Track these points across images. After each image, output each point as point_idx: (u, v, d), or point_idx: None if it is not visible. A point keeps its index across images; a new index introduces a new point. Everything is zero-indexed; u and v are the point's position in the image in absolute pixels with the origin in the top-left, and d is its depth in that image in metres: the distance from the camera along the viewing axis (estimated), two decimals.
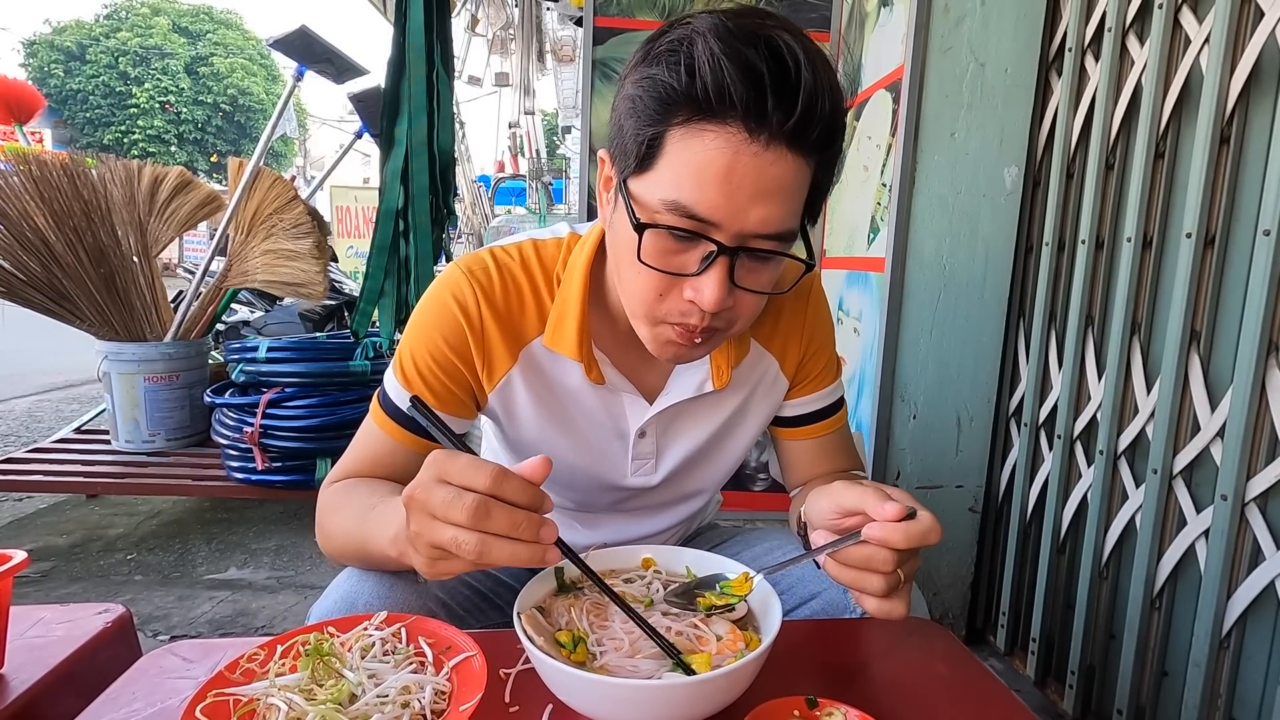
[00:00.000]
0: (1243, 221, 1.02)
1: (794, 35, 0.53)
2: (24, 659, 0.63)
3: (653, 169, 0.56)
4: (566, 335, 0.69)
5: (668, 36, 0.55)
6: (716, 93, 0.51)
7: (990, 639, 1.62)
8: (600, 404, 0.74)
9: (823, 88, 0.52)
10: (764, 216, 0.54)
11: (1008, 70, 1.43)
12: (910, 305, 1.50)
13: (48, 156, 2.26)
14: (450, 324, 0.70)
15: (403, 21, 2.04)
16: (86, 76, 22.68)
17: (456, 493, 0.46)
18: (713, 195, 0.53)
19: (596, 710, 0.49)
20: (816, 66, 0.52)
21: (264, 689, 0.48)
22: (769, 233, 0.55)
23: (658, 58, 0.54)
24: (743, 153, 0.52)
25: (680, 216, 0.55)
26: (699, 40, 0.52)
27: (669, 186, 0.55)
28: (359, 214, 8.76)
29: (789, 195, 0.55)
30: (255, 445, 2.08)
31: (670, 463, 0.79)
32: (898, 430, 1.55)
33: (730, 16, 0.53)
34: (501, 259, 0.72)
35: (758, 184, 0.53)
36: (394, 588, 0.65)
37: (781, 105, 0.51)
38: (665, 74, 0.53)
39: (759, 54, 0.51)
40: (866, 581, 0.55)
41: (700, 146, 0.53)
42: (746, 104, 0.51)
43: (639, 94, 0.55)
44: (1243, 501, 0.98)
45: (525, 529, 0.46)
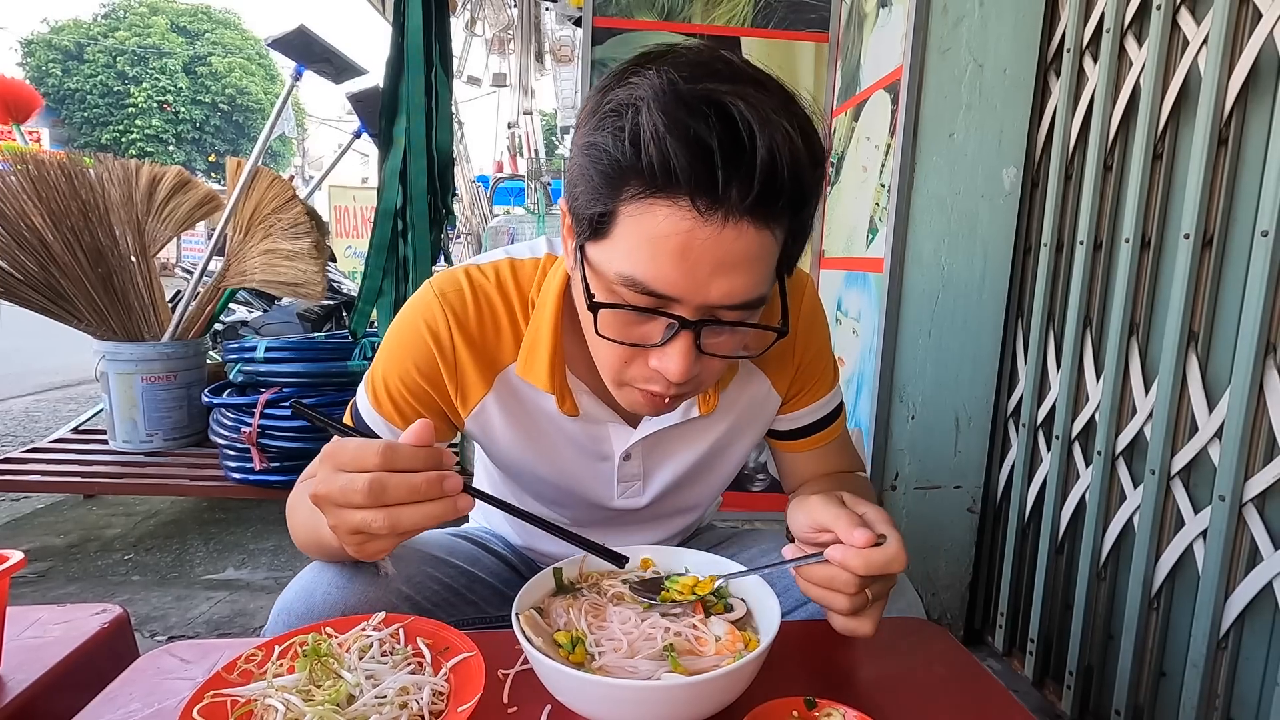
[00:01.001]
0: (1241, 222, 1.03)
1: (748, 96, 0.47)
2: (21, 659, 0.63)
3: (608, 238, 0.52)
4: (538, 366, 0.67)
5: (613, 96, 0.50)
6: (663, 170, 0.47)
7: (988, 639, 1.62)
8: (581, 429, 0.72)
9: (784, 155, 0.47)
10: (728, 289, 0.51)
11: (1006, 71, 1.43)
12: (909, 306, 1.50)
13: (45, 156, 2.26)
14: (422, 351, 0.68)
15: (401, 21, 2.04)
16: (84, 76, 22.65)
17: (351, 477, 0.48)
18: (670, 272, 0.50)
19: (595, 711, 0.49)
20: (776, 132, 0.47)
21: (262, 690, 0.48)
22: (735, 304, 0.52)
23: (603, 122, 0.50)
24: (698, 229, 0.48)
25: (637, 293, 0.52)
26: (643, 109, 0.47)
27: (624, 260, 0.51)
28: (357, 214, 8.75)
29: (754, 265, 0.51)
30: (253, 445, 2.07)
31: (658, 485, 0.77)
32: (896, 430, 1.55)
33: (682, 76, 0.48)
34: (477, 280, 0.69)
35: (718, 258, 0.49)
36: (353, 580, 0.66)
37: (737, 181, 0.47)
38: (610, 145, 0.49)
39: (708, 126, 0.46)
40: (830, 599, 0.56)
41: (653, 222, 0.49)
42: (695, 182, 0.47)
43: (586, 164, 0.51)
44: (1240, 502, 0.98)
45: (426, 490, 0.48)
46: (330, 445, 0.51)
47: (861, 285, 1.65)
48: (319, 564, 0.69)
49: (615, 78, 0.52)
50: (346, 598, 0.65)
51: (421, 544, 0.78)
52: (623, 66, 0.52)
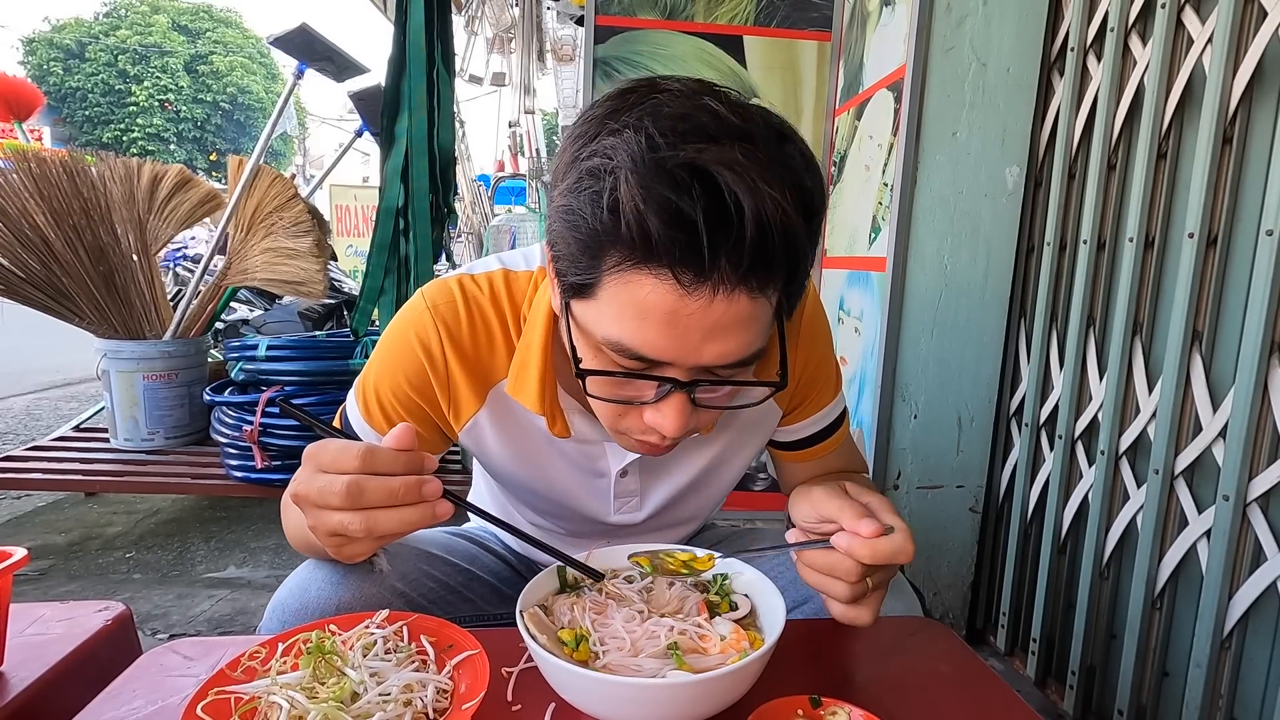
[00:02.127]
0: (1245, 222, 1.02)
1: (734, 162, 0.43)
2: (24, 656, 0.63)
3: (593, 300, 0.50)
4: (528, 387, 0.65)
5: (589, 153, 0.47)
6: (643, 243, 0.44)
7: (990, 639, 1.62)
8: (576, 447, 0.71)
9: (775, 224, 0.44)
10: (721, 352, 0.49)
11: (1010, 70, 1.43)
12: (911, 305, 1.50)
13: (47, 154, 2.25)
14: (413, 366, 0.66)
15: (403, 19, 2.03)
16: (86, 74, 22.66)
17: (330, 479, 0.48)
18: (658, 340, 0.48)
19: (599, 709, 0.49)
20: (765, 201, 0.43)
21: (265, 687, 0.48)
22: (730, 363, 0.50)
23: (580, 185, 0.47)
24: (686, 302, 0.46)
25: (626, 358, 0.50)
26: (621, 177, 0.44)
27: (611, 326, 0.49)
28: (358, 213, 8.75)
29: (748, 326, 0.49)
30: (254, 444, 2.07)
31: (655, 501, 0.77)
32: (898, 430, 1.55)
33: (663, 136, 0.44)
34: (470, 292, 0.67)
35: (709, 326, 0.47)
36: (348, 578, 0.66)
37: (725, 254, 0.44)
38: (588, 212, 0.46)
39: (691, 199, 0.43)
40: (830, 586, 0.55)
41: (639, 292, 0.47)
42: (680, 257, 0.44)
43: (565, 230, 0.49)
44: (1244, 502, 0.98)
45: (404, 494, 0.48)
46: (313, 446, 0.51)
47: (864, 284, 1.65)
48: (313, 561, 0.68)
49: (593, 127, 0.48)
50: (341, 595, 0.64)
51: (419, 542, 0.78)
52: (600, 112, 0.49)
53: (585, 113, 0.51)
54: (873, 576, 0.55)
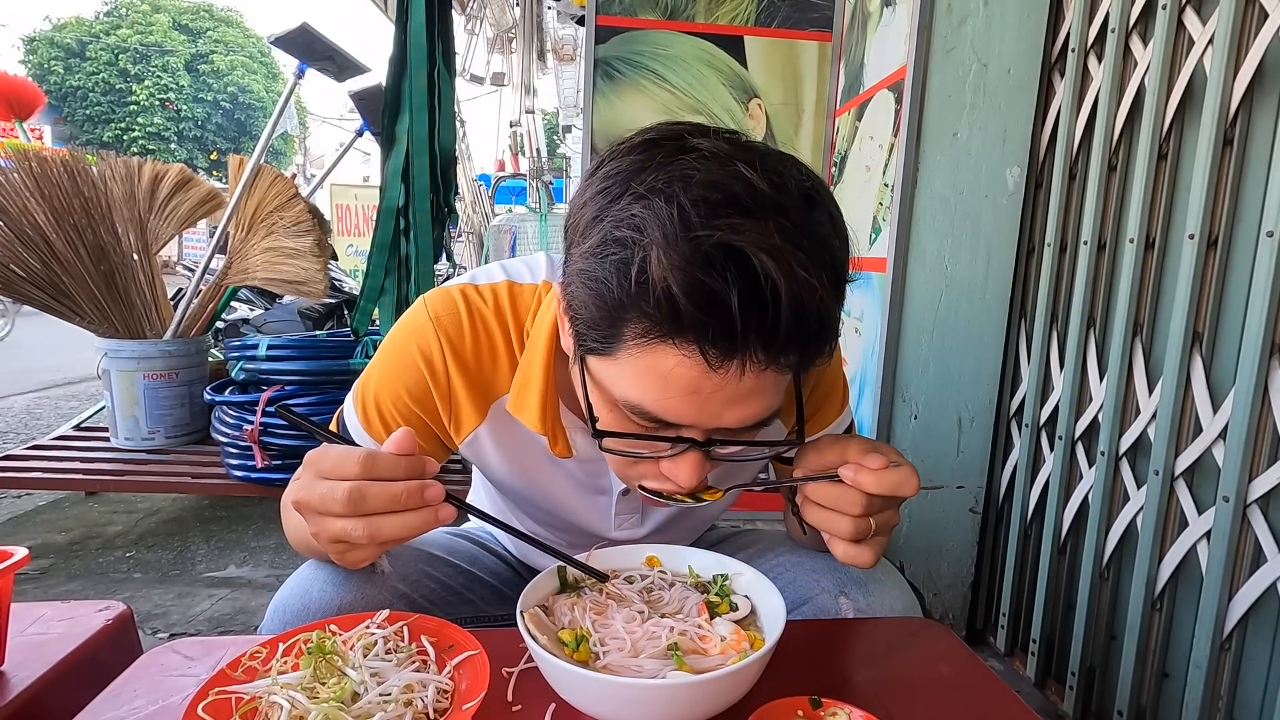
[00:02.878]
0: (1246, 223, 1.02)
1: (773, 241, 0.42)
2: (24, 656, 0.63)
3: (612, 358, 0.49)
4: (529, 406, 0.64)
5: (613, 217, 0.45)
6: (672, 319, 0.43)
7: (990, 640, 1.62)
8: (578, 465, 0.70)
9: (810, 307, 0.43)
10: (741, 416, 0.49)
11: (1010, 71, 1.43)
12: (911, 306, 1.50)
13: (48, 153, 2.25)
14: (414, 378, 0.65)
15: (404, 19, 2.03)
16: (86, 73, 22.65)
17: (331, 486, 0.48)
18: (680, 407, 0.48)
19: (600, 709, 0.49)
20: (802, 286, 0.42)
21: (266, 687, 0.48)
22: (750, 425, 0.50)
23: (604, 250, 0.45)
24: (710, 376, 0.45)
25: (645, 419, 0.50)
26: (652, 254, 0.43)
27: (628, 387, 0.49)
28: (359, 212, 8.76)
29: (771, 392, 0.49)
30: (255, 443, 2.07)
31: (657, 518, 0.77)
32: (898, 431, 1.55)
33: (695, 207, 0.42)
34: (474, 304, 0.66)
35: (731, 395, 0.47)
36: (349, 579, 0.66)
37: (755, 336, 0.44)
38: (614, 281, 0.45)
39: (726, 282, 0.42)
40: (835, 522, 0.55)
41: (660, 363, 0.46)
42: (710, 336, 0.43)
43: (586, 295, 0.47)
44: (1245, 503, 0.98)
45: (406, 499, 0.48)
46: (313, 452, 0.51)
47: (864, 285, 1.65)
48: (315, 562, 0.68)
49: (618, 185, 0.46)
50: (342, 596, 0.64)
51: (420, 543, 0.78)
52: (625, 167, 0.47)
53: (607, 163, 0.49)
54: (876, 517, 0.55)
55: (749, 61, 1.85)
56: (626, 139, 0.50)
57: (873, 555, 0.56)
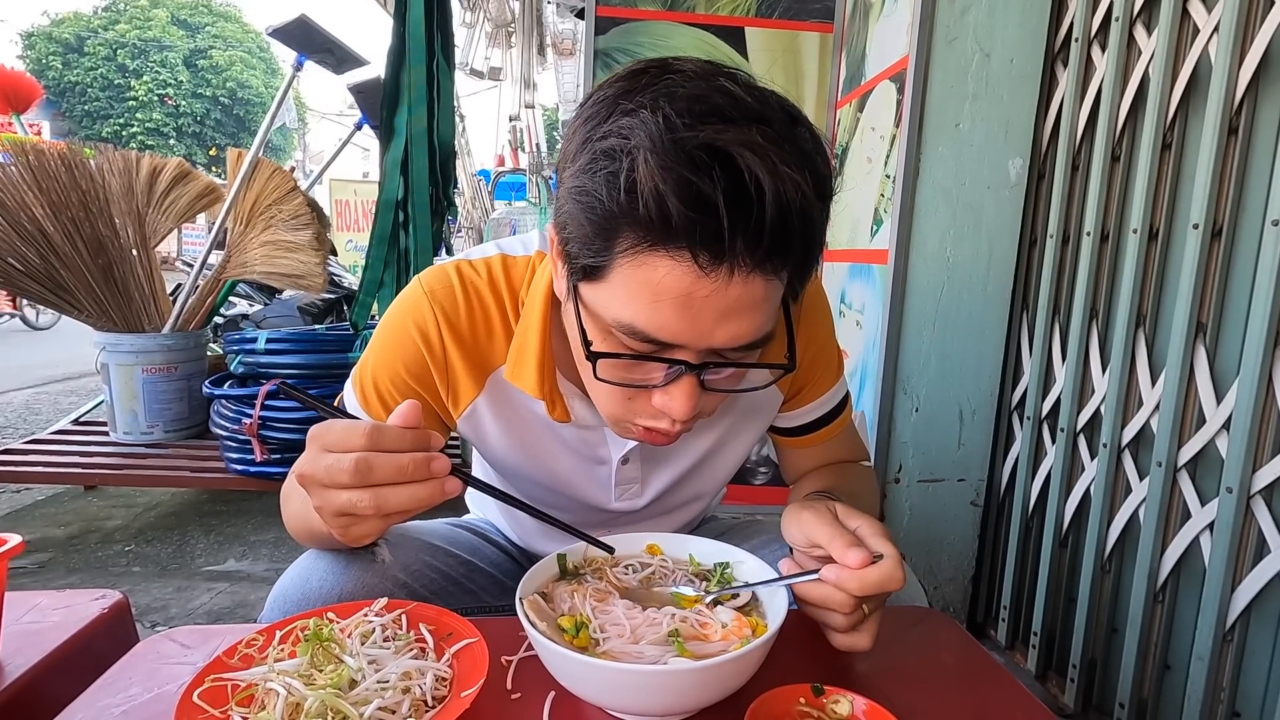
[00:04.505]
0: (1250, 212, 1.02)
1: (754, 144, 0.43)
2: (20, 644, 0.62)
3: (603, 282, 0.49)
4: (526, 372, 0.64)
5: (604, 134, 0.46)
6: (662, 223, 0.44)
7: (991, 633, 1.61)
8: (576, 434, 0.70)
9: (795, 206, 0.44)
10: (734, 334, 0.49)
11: (1013, 61, 1.42)
12: (913, 298, 1.50)
13: (45, 146, 2.25)
14: (411, 353, 0.66)
15: (403, 11, 2.02)
16: (85, 69, 22.60)
17: (337, 457, 0.48)
18: (672, 322, 0.48)
19: (600, 696, 0.49)
20: (785, 183, 0.43)
21: (263, 674, 0.47)
22: (741, 345, 0.50)
23: (594, 165, 0.46)
24: (702, 283, 0.46)
25: (637, 340, 0.49)
26: (639, 159, 0.44)
27: (622, 308, 0.49)
28: (358, 207, 8.74)
29: (761, 308, 0.49)
30: (254, 437, 2.07)
31: (657, 486, 0.76)
32: (900, 423, 1.55)
33: (680, 117, 0.44)
34: (468, 277, 0.66)
35: (723, 307, 0.47)
36: (349, 568, 0.65)
37: (743, 236, 0.44)
38: (603, 193, 0.45)
39: (712, 180, 0.43)
40: (826, 618, 0.55)
41: (651, 274, 0.46)
42: (699, 238, 0.44)
43: (577, 210, 0.48)
44: (1248, 494, 0.98)
45: (413, 470, 0.48)
46: (317, 427, 0.50)
47: (866, 277, 1.64)
48: (315, 552, 0.68)
49: (605, 107, 0.47)
50: (343, 585, 0.64)
51: (420, 533, 0.77)
52: (612, 92, 0.48)
53: (595, 93, 0.50)
54: (868, 603, 0.54)
55: (750, 53, 1.84)
56: (615, 72, 0.51)
57: (869, 638, 0.54)
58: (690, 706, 0.49)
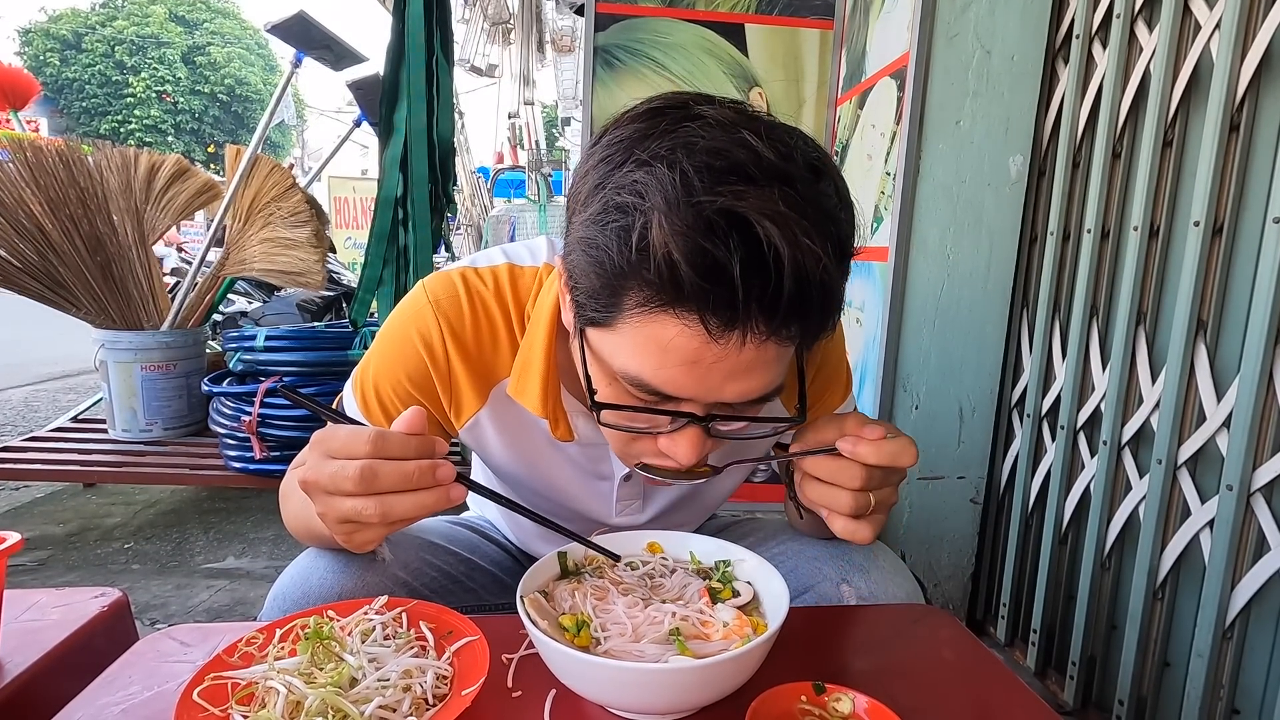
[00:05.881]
0: (1252, 210, 1.01)
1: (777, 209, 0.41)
2: (19, 642, 0.62)
3: (612, 329, 0.48)
4: (530, 389, 0.63)
5: (619, 191, 0.44)
6: (673, 287, 0.43)
7: (991, 630, 1.61)
8: (579, 450, 0.70)
9: (814, 277, 0.42)
10: (743, 391, 0.48)
11: (1014, 58, 1.42)
12: (913, 295, 1.49)
13: (43, 143, 2.24)
14: (414, 363, 0.65)
15: (402, 8, 2.01)
16: (82, 65, 22.54)
17: (342, 465, 0.47)
18: (679, 378, 0.47)
19: (600, 694, 0.49)
20: (806, 255, 0.41)
21: (263, 672, 0.47)
22: (750, 400, 0.50)
23: (606, 218, 0.45)
24: (711, 347, 0.45)
25: (643, 392, 0.49)
26: (654, 220, 0.42)
27: (628, 359, 0.48)
28: (357, 205, 8.72)
29: (772, 367, 0.48)
30: (253, 434, 2.07)
31: (659, 504, 0.76)
32: (900, 421, 1.54)
33: (698, 174, 0.42)
34: (474, 287, 0.65)
35: (732, 368, 0.46)
36: (349, 567, 0.65)
37: (758, 306, 0.43)
38: (614, 249, 0.44)
39: (728, 249, 0.41)
40: (834, 497, 0.54)
41: (660, 333, 0.45)
42: (710, 305, 0.43)
43: (586, 263, 0.47)
44: (1249, 492, 0.98)
45: (418, 478, 0.48)
46: (320, 432, 0.50)
47: (866, 275, 1.64)
48: (314, 550, 0.68)
49: (620, 152, 0.46)
50: (342, 584, 0.64)
51: (420, 531, 0.77)
52: (628, 135, 0.46)
53: (610, 133, 0.48)
54: (876, 493, 0.54)
55: (750, 49, 1.83)
56: (631, 108, 0.49)
57: (871, 531, 0.55)
58: (692, 704, 0.49)
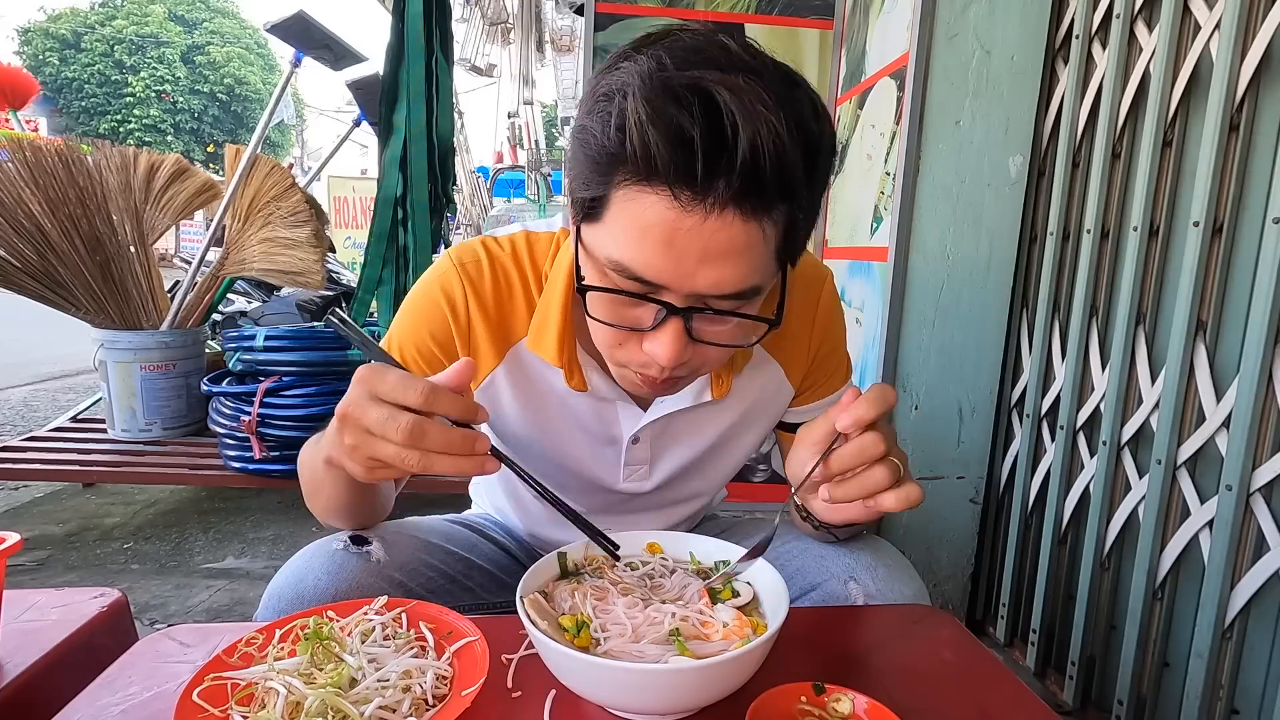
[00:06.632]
0: (1251, 210, 1.02)
1: (737, 87, 0.45)
2: (18, 643, 0.62)
3: (601, 221, 0.52)
4: (548, 340, 0.67)
5: (605, 80, 0.50)
6: (645, 159, 0.47)
7: (990, 630, 1.62)
8: (591, 409, 0.72)
9: (766, 148, 0.45)
10: (716, 280, 0.50)
11: (1014, 57, 1.42)
12: (913, 295, 1.49)
13: (42, 142, 2.24)
14: (438, 320, 0.69)
15: (401, 7, 2.02)
16: (82, 65, 22.53)
17: (391, 412, 0.48)
18: (656, 260, 0.50)
19: (600, 695, 0.49)
20: (760, 123, 0.45)
21: (262, 673, 0.47)
22: (724, 294, 0.51)
23: (594, 107, 0.50)
24: (682, 220, 0.48)
25: (625, 278, 0.52)
26: (629, 97, 0.47)
27: (613, 245, 0.51)
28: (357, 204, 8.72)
29: (743, 256, 0.50)
30: (252, 434, 2.06)
31: (665, 470, 0.77)
32: (899, 421, 1.54)
33: (674, 61, 0.47)
34: (494, 252, 0.70)
35: (704, 249, 0.49)
36: (344, 566, 0.66)
37: (717, 173, 0.46)
38: (599, 131, 0.49)
39: (690, 116, 0.45)
40: (872, 478, 0.55)
41: (640, 210, 0.49)
42: (676, 173, 0.47)
43: (578, 149, 0.52)
44: (1248, 492, 0.98)
45: (460, 445, 0.49)
46: (367, 369, 0.50)
47: (865, 275, 1.64)
48: (310, 550, 0.69)
49: (612, 61, 0.51)
50: (337, 584, 0.64)
51: (417, 530, 0.78)
52: (622, 50, 0.51)
53: (608, 57, 0.53)
54: (894, 453, 0.55)
55: None
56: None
57: (919, 490, 0.56)
58: (691, 705, 0.49)
